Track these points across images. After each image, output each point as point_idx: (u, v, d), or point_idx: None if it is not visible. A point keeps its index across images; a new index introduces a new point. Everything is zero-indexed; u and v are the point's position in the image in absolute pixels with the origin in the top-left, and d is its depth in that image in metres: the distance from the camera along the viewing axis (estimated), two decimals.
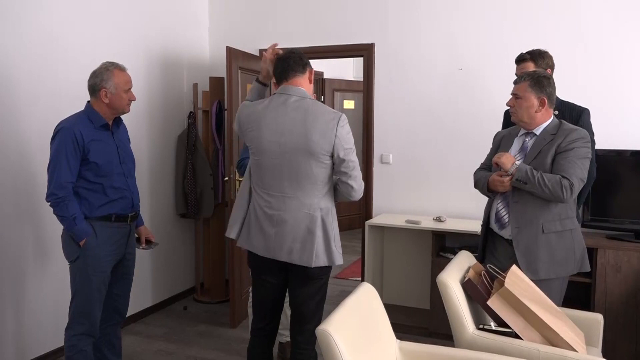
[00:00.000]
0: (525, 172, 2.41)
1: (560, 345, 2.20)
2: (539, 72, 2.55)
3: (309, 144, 2.28)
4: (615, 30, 3.60)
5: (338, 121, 2.30)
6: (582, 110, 2.90)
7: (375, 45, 4.26)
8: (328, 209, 2.38)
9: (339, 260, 2.38)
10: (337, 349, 1.74)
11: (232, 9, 4.75)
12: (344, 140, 2.30)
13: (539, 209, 2.45)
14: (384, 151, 4.30)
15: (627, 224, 3.39)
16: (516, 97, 2.52)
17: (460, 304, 2.31)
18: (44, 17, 3.26)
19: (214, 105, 4.36)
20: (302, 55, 2.44)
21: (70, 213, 2.55)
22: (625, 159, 3.42)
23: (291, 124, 2.31)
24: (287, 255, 2.35)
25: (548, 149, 2.46)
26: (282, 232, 2.34)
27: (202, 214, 4.43)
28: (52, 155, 2.58)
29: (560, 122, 2.54)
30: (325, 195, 2.37)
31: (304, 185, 2.33)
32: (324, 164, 2.32)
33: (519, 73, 2.83)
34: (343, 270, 5.55)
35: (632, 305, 3.24)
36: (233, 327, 3.94)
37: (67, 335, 2.69)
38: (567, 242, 2.49)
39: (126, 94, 2.68)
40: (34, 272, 3.27)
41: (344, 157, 2.30)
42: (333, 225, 2.39)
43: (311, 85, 2.48)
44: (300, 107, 2.33)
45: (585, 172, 2.43)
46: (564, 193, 2.35)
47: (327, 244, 2.35)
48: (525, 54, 2.93)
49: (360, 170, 2.40)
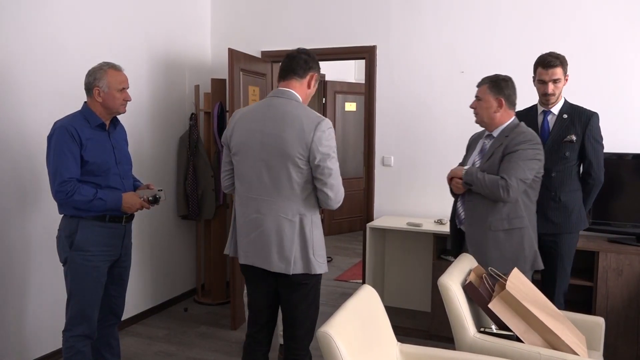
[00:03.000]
0: (471, 174, 2.61)
1: (562, 349, 2.20)
2: (499, 76, 2.71)
3: (286, 147, 2.23)
4: (617, 34, 3.60)
5: (317, 125, 2.23)
6: (592, 114, 2.90)
7: (377, 47, 4.26)
8: (308, 215, 2.31)
9: (319, 269, 2.32)
10: (338, 351, 1.74)
11: (234, 11, 4.76)
12: (320, 145, 2.22)
13: (489, 208, 2.60)
14: (385, 153, 4.30)
15: (628, 228, 3.38)
16: (478, 99, 2.71)
17: (461, 307, 2.30)
18: (47, 19, 3.27)
19: (216, 107, 4.36)
20: (309, 59, 2.38)
21: (91, 194, 2.55)
22: (627, 162, 3.41)
23: (271, 127, 2.27)
24: (264, 261, 2.31)
25: (499, 150, 2.61)
26: (261, 237, 2.31)
27: (203, 215, 4.43)
28: (51, 153, 2.57)
29: (518, 124, 2.69)
30: (304, 201, 2.30)
31: (282, 190, 2.27)
32: (301, 169, 2.25)
33: (547, 79, 2.86)
34: (344, 272, 5.55)
35: (633, 308, 3.24)
36: (234, 328, 3.94)
37: (65, 337, 2.68)
38: (515, 241, 2.61)
39: (120, 93, 2.65)
40: (34, 273, 3.27)
41: (319, 162, 2.23)
42: (313, 232, 2.31)
43: (309, 90, 2.41)
44: (282, 110, 2.29)
45: (529, 173, 2.55)
46: (502, 193, 2.49)
47: (304, 251, 2.29)
48: (556, 60, 2.86)
49: (339, 178, 2.30)
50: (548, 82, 2.86)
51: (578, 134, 2.87)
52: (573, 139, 2.87)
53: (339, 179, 2.31)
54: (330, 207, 2.33)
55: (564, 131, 2.89)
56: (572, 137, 2.87)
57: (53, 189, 2.56)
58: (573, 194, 2.92)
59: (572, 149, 2.88)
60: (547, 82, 2.87)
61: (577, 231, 2.96)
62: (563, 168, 2.89)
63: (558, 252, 2.92)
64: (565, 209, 2.90)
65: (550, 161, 2.86)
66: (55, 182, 2.54)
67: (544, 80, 2.88)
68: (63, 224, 2.67)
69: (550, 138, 2.91)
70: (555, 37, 3.72)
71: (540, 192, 2.85)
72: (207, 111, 4.44)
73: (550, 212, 2.90)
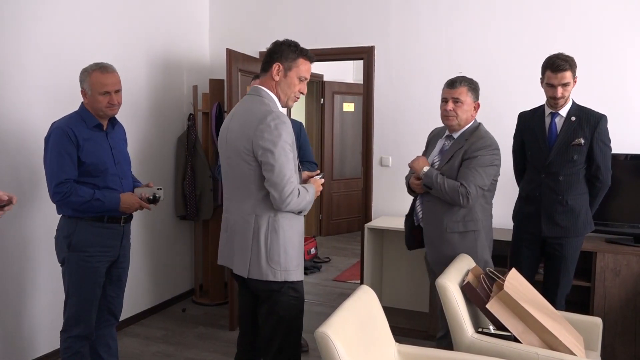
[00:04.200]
0: (431, 177, 2.62)
1: (559, 349, 2.20)
2: (473, 79, 2.71)
3: (236, 143, 2.17)
4: (617, 35, 3.61)
5: (262, 119, 2.10)
6: (601, 117, 2.85)
7: (376, 48, 4.26)
8: (264, 216, 2.16)
9: (277, 276, 2.16)
10: (336, 351, 1.74)
11: (232, 11, 4.76)
12: (261, 139, 2.08)
13: (445, 209, 2.65)
14: (383, 154, 4.31)
15: (626, 228, 3.39)
16: (456, 101, 2.65)
17: (459, 307, 2.31)
18: (46, 20, 3.26)
19: (214, 108, 4.36)
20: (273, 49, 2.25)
21: (88, 195, 2.54)
22: (625, 163, 3.42)
23: (232, 124, 2.23)
24: (231, 262, 2.27)
25: (458, 154, 2.64)
26: (229, 238, 2.29)
27: (201, 216, 4.42)
28: (48, 154, 2.57)
29: (478, 126, 2.70)
30: (261, 201, 2.16)
31: (239, 188, 2.22)
32: (251, 165, 2.14)
33: (556, 83, 2.78)
34: (342, 272, 5.55)
35: (631, 309, 3.24)
36: (232, 329, 3.94)
37: (63, 338, 2.68)
38: (469, 243, 2.68)
39: (103, 96, 2.59)
40: (32, 274, 3.26)
41: (261, 157, 2.09)
42: (269, 236, 2.15)
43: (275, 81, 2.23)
44: (244, 107, 2.25)
45: (487, 180, 2.61)
46: (461, 200, 2.55)
47: (258, 257, 2.16)
48: (565, 63, 2.76)
49: (283, 176, 2.07)
50: (557, 86, 2.78)
51: (586, 137, 2.81)
52: (581, 142, 2.80)
53: (283, 177, 2.07)
54: (278, 209, 2.14)
55: (572, 134, 2.83)
56: (581, 140, 2.80)
57: (50, 190, 2.55)
58: (580, 197, 2.89)
59: (580, 152, 2.82)
60: (556, 86, 2.78)
61: (584, 234, 2.94)
62: (571, 172, 2.84)
63: (563, 255, 2.89)
64: (572, 212, 2.87)
65: (557, 164, 2.84)
66: (52, 183, 2.53)
67: (552, 84, 2.80)
68: (61, 225, 2.66)
69: (558, 141, 2.86)
70: (555, 37, 3.72)
71: (547, 196, 2.87)
72: (206, 111, 4.44)
73: (557, 215, 2.87)
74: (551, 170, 2.87)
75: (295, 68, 2.24)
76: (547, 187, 2.88)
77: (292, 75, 2.24)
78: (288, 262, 2.19)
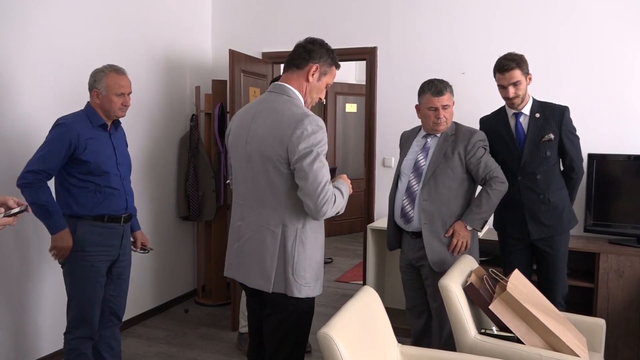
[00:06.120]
0: (478, 213, 2.69)
1: (563, 350, 2.20)
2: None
3: (266, 147, 2.00)
4: (616, 35, 3.60)
5: (299, 122, 1.94)
6: (564, 109, 2.86)
7: (378, 48, 4.26)
8: (292, 227, 2.01)
9: (297, 292, 2.03)
10: (339, 352, 1.74)
11: (235, 12, 4.76)
12: (297, 145, 1.92)
13: (443, 209, 2.72)
14: (386, 155, 4.30)
15: (629, 229, 3.38)
16: (445, 107, 2.75)
17: (462, 308, 2.30)
18: (48, 20, 3.27)
19: (217, 108, 4.37)
20: (312, 48, 2.11)
21: (42, 199, 2.51)
22: (628, 163, 3.41)
23: (256, 125, 2.05)
24: (244, 276, 2.11)
25: (452, 150, 2.73)
26: (243, 248, 2.10)
27: (204, 216, 4.43)
28: (42, 144, 2.58)
29: (455, 124, 2.82)
30: (291, 210, 2.00)
31: (264, 196, 2.03)
32: (282, 173, 1.98)
33: (505, 83, 2.80)
34: (345, 273, 5.55)
35: (634, 310, 3.23)
36: (234, 330, 3.93)
37: (67, 339, 2.69)
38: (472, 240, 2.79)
39: (118, 97, 2.64)
40: (34, 274, 3.27)
41: (295, 164, 1.94)
42: (298, 249, 2.02)
43: (308, 83, 2.12)
44: (269, 107, 2.06)
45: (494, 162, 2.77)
46: (504, 186, 2.71)
47: (283, 269, 2.01)
48: (511, 62, 2.77)
49: (318, 184, 1.92)
50: (507, 86, 2.79)
51: (555, 132, 2.82)
52: (551, 137, 2.82)
53: (317, 185, 1.93)
54: (314, 218, 2.01)
55: (540, 131, 2.83)
56: (550, 135, 2.82)
57: (21, 173, 2.54)
58: (560, 192, 2.89)
59: (551, 147, 2.83)
60: (507, 86, 2.80)
61: (569, 230, 2.93)
62: (547, 169, 2.85)
63: (554, 255, 2.88)
64: (556, 209, 2.86)
65: (532, 164, 2.84)
66: (27, 167, 2.53)
67: (503, 85, 2.83)
68: None
69: (528, 140, 2.84)
70: (556, 37, 3.72)
71: (528, 197, 2.87)
72: (208, 112, 4.44)
73: (542, 215, 2.85)
74: (527, 171, 2.85)
75: (329, 75, 2.18)
76: (526, 188, 2.86)
77: (324, 81, 2.17)
78: (312, 276, 2.09)
